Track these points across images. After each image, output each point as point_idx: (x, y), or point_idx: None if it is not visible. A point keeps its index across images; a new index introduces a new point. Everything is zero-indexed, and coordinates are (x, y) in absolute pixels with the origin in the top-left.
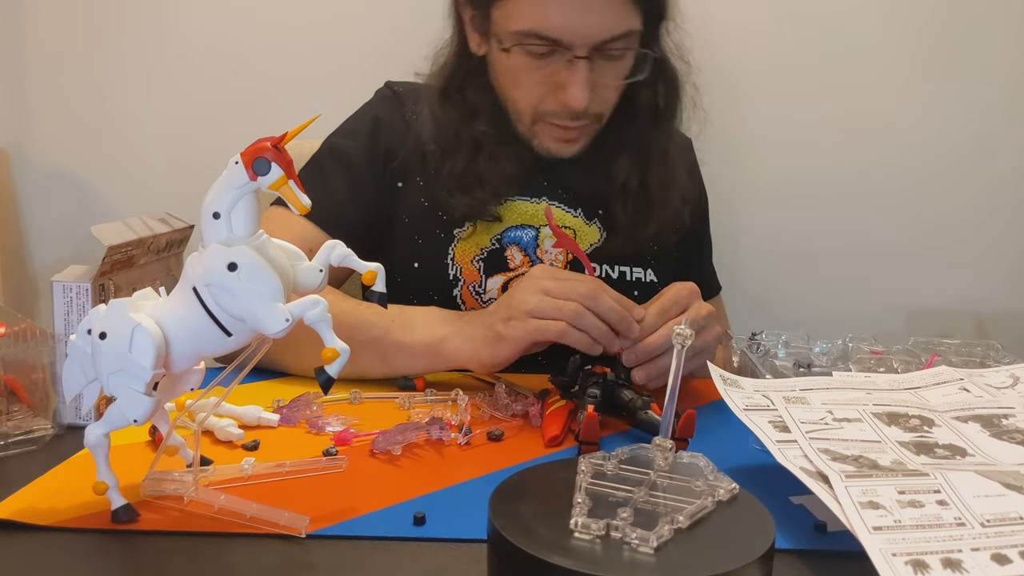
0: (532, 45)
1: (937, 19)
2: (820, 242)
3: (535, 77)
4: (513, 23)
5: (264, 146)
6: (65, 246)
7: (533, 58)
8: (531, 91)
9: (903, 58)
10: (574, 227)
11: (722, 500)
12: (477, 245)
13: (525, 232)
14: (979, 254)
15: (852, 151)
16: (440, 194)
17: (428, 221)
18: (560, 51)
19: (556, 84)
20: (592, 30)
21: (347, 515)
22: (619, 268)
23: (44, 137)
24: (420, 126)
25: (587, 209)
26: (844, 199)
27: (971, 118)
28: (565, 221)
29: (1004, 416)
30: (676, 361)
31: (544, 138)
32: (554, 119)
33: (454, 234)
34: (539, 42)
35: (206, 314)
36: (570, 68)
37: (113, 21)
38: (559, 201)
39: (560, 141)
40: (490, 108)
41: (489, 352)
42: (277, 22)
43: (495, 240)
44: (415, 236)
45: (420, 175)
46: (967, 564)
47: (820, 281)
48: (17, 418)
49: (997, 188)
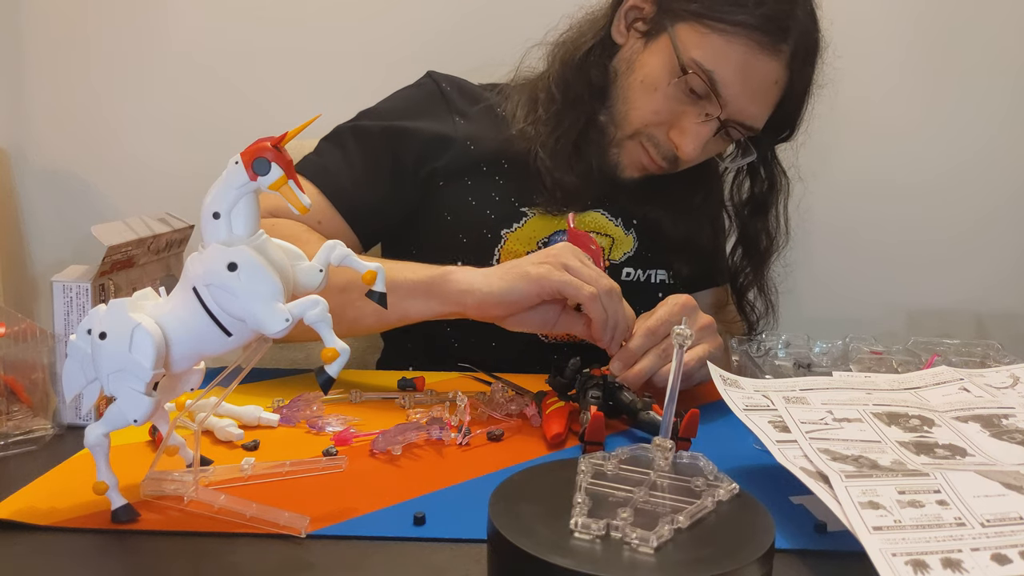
0: (697, 81)
1: (937, 17)
2: (820, 242)
3: (671, 104)
4: (697, 51)
5: (264, 146)
6: (65, 246)
7: (685, 89)
8: (657, 111)
9: (903, 57)
10: (613, 235)
11: (722, 500)
12: (524, 247)
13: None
14: (979, 254)
15: (852, 151)
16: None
17: (475, 220)
18: (710, 102)
19: (679, 123)
20: (746, 111)
21: (347, 515)
22: (647, 271)
23: (44, 137)
24: (476, 122)
25: (627, 219)
26: (844, 199)
27: (971, 118)
28: (607, 229)
29: (1004, 416)
30: (676, 361)
31: (628, 154)
32: (650, 145)
33: (502, 235)
34: (706, 83)
35: (206, 314)
36: (703, 121)
37: (113, 21)
38: (604, 210)
39: (637, 166)
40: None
41: (502, 284)
42: (277, 21)
43: (541, 244)
44: (459, 234)
45: (469, 176)
46: (967, 564)
47: (820, 281)
48: (17, 418)
49: (997, 188)
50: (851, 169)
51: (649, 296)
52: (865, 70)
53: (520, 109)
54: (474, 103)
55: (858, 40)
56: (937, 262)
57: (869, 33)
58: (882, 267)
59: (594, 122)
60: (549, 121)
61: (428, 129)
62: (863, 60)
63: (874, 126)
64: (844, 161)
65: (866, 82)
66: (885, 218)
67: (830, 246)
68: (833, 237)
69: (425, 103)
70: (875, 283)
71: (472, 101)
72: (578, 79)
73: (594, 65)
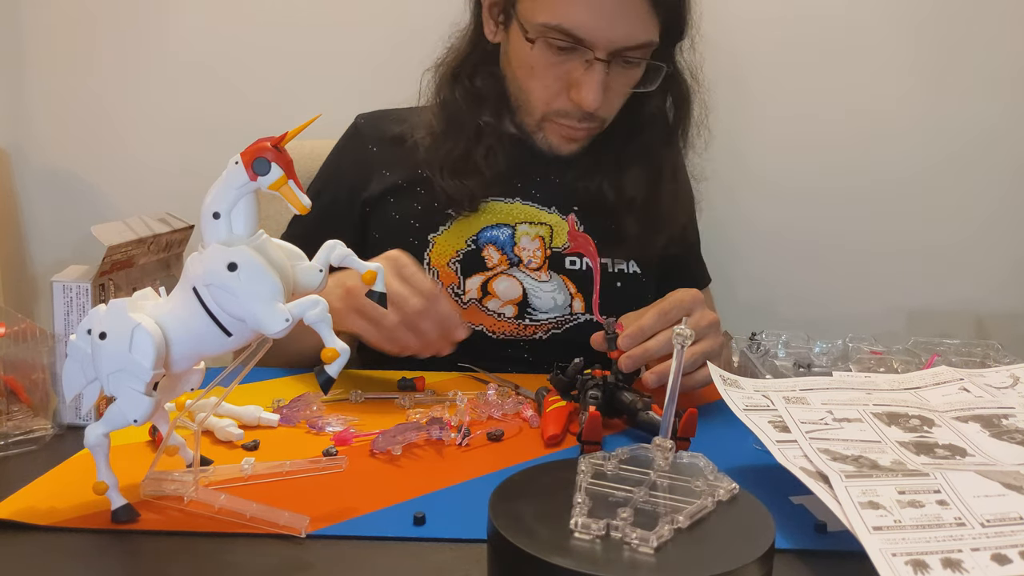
0: (555, 40)
1: (938, 17)
2: (820, 242)
3: (552, 72)
4: (540, 15)
5: (264, 146)
6: (65, 246)
7: (553, 53)
8: (547, 86)
9: (903, 57)
10: (550, 223)
11: (722, 500)
12: (452, 248)
13: (501, 231)
14: (979, 254)
15: (852, 151)
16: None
17: (401, 231)
18: (581, 50)
19: (571, 82)
20: (616, 36)
21: (347, 515)
22: (601, 259)
23: (44, 137)
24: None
25: (562, 205)
26: (844, 199)
27: (971, 118)
28: (540, 218)
29: (1004, 416)
30: (676, 361)
31: (550, 134)
32: (563, 119)
33: (429, 240)
34: (563, 38)
35: (206, 314)
36: (588, 69)
37: (113, 21)
38: (532, 200)
39: (565, 139)
40: (495, 99)
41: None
42: (277, 21)
43: (471, 241)
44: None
45: (391, 195)
46: (967, 564)
47: (820, 281)
48: (17, 418)
49: (997, 188)
50: (851, 169)
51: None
52: (866, 69)
53: (419, 132)
54: (388, 129)
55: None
56: (937, 262)
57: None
58: (882, 267)
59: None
60: (437, 142)
61: (349, 167)
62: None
63: (874, 127)
64: (844, 161)
65: (867, 82)
66: (885, 218)
67: (830, 246)
68: (833, 237)
69: (347, 145)
70: (875, 283)
71: (387, 128)
72: (453, 96)
73: (473, 75)
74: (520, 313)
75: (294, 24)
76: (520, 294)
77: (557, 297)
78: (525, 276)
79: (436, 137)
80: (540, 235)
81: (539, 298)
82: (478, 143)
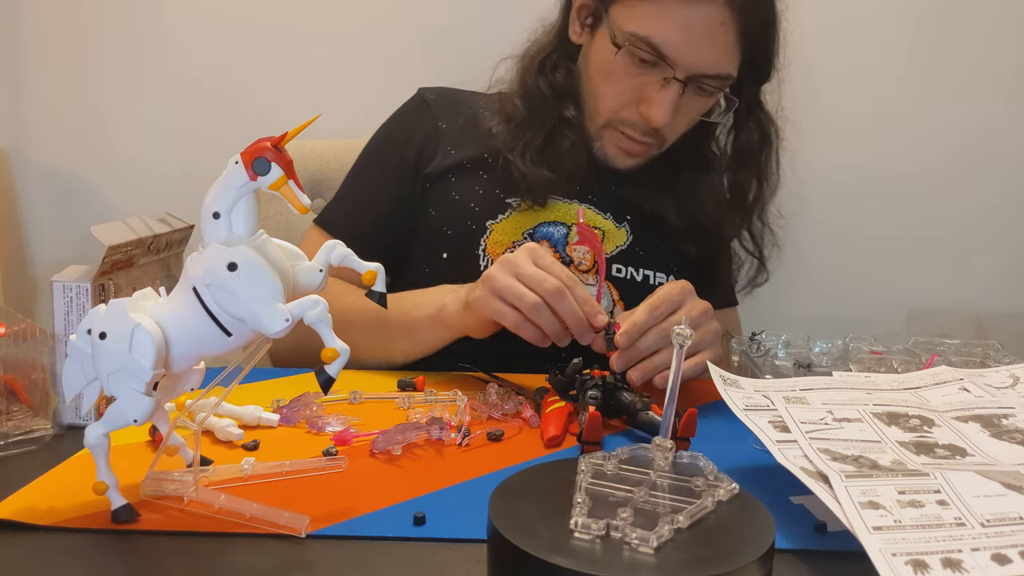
0: (640, 51)
1: (937, 14)
2: (820, 242)
3: (629, 82)
4: (631, 23)
5: (264, 146)
6: (65, 246)
7: (634, 63)
8: (619, 93)
9: (902, 56)
10: (604, 228)
11: (722, 500)
12: (509, 238)
13: (557, 228)
14: (979, 253)
15: (852, 151)
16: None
17: (460, 213)
18: (662, 67)
19: (644, 96)
20: (700, 61)
21: (347, 515)
22: (643, 271)
23: (44, 137)
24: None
25: (617, 213)
26: (844, 199)
27: (970, 117)
28: (595, 222)
29: (1004, 416)
30: (676, 361)
31: (609, 143)
32: (626, 128)
33: (487, 226)
34: (648, 51)
35: (206, 314)
36: (664, 87)
37: (112, 21)
38: (591, 204)
39: (622, 152)
40: (576, 97)
41: (465, 318)
42: (277, 22)
43: (526, 234)
44: (444, 227)
45: (453, 174)
46: (967, 564)
47: (820, 281)
48: (17, 418)
49: (997, 188)
50: (851, 167)
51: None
52: (865, 66)
53: (494, 118)
54: (458, 108)
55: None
56: (937, 262)
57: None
58: (882, 267)
59: (566, 121)
60: (516, 129)
61: (414, 138)
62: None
63: (873, 124)
64: (844, 159)
65: (866, 79)
66: (885, 218)
67: (830, 245)
68: (833, 236)
69: (412, 116)
70: (875, 283)
71: (456, 107)
72: (538, 86)
73: (555, 69)
74: None
75: (294, 24)
76: None
77: (601, 302)
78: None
79: (517, 124)
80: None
81: None
82: (561, 135)
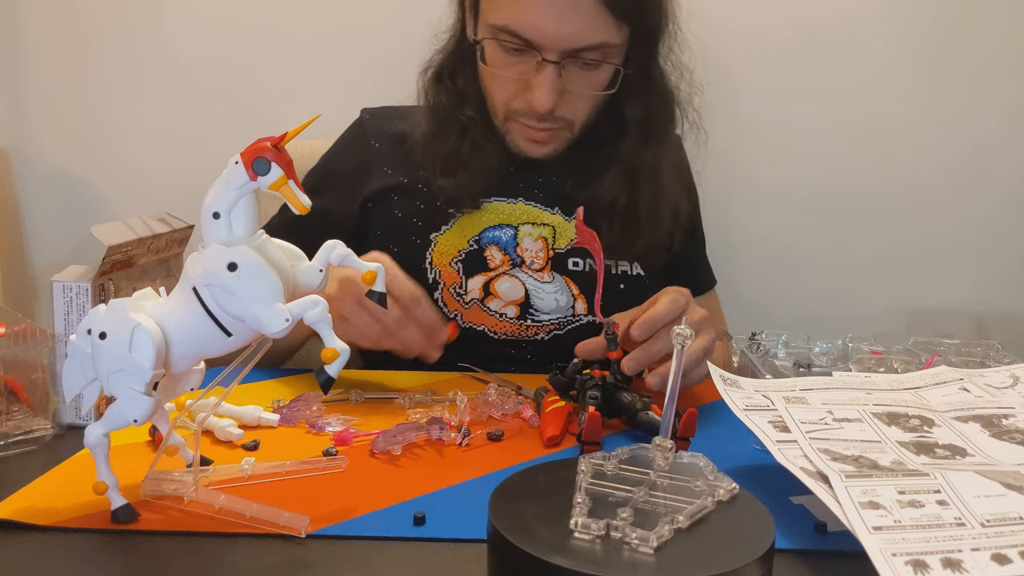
0: (506, 41)
1: (938, 21)
2: (820, 242)
3: (507, 74)
4: (492, 16)
5: (264, 146)
6: (65, 246)
7: (506, 54)
8: (503, 87)
9: (903, 60)
10: (553, 224)
11: (722, 500)
12: (454, 247)
13: (504, 231)
14: (979, 254)
15: (852, 152)
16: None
17: (403, 230)
18: (531, 52)
19: (525, 84)
20: (564, 36)
21: (347, 515)
22: (605, 262)
23: (44, 137)
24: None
25: (565, 206)
26: (844, 200)
27: (971, 119)
28: (543, 219)
29: (1004, 416)
30: (676, 361)
31: (516, 135)
32: (523, 118)
33: (431, 239)
34: (511, 39)
35: (206, 314)
36: (538, 71)
37: (112, 21)
38: (535, 201)
39: (529, 141)
40: (478, 97)
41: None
42: (277, 22)
43: (472, 241)
44: (390, 245)
45: (395, 192)
46: (967, 564)
47: (820, 281)
48: (17, 418)
49: (997, 189)
50: (851, 168)
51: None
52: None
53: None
54: (393, 127)
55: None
56: (937, 262)
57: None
58: (882, 267)
59: (473, 122)
60: (428, 143)
61: (351, 163)
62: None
63: (874, 128)
64: (844, 161)
65: (867, 84)
66: (885, 218)
67: (830, 246)
68: (833, 237)
69: (350, 138)
70: (875, 283)
71: (393, 125)
72: (439, 99)
73: (455, 76)
74: (522, 314)
75: (293, 24)
76: (522, 295)
77: (559, 298)
78: (527, 277)
79: (428, 138)
80: (543, 236)
81: (541, 299)
82: (463, 139)
